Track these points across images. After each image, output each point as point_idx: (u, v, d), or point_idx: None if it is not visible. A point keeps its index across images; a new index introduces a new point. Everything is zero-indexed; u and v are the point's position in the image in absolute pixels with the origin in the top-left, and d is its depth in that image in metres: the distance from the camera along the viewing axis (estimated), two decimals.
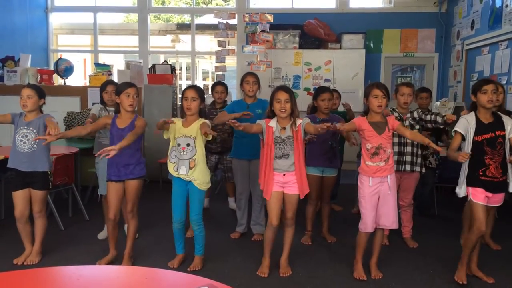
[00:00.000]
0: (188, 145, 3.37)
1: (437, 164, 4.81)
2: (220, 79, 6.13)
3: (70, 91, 6.56)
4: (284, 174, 3.37)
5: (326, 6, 8.35)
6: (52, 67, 7.52)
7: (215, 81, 5.83)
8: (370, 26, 8.02)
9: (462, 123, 3.26)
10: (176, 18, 13.51)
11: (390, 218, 3.35)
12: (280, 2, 8.81)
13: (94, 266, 3.05)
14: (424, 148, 4.15)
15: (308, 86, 7.72)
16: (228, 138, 4.71)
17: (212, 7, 9.40)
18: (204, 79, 12.37)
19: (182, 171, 3.39)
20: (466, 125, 3.23)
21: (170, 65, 7.13)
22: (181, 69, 11.08)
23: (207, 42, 10.65)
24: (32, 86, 3.65)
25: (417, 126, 3.90)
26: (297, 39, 7.76)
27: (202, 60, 11.79)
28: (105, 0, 9.01)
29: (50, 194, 4.49)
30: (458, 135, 3.25)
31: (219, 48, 6.35)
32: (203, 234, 3.55)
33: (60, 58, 7.13)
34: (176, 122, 3.43)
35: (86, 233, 4.37)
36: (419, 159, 4.01)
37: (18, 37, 7.72)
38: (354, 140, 3.76)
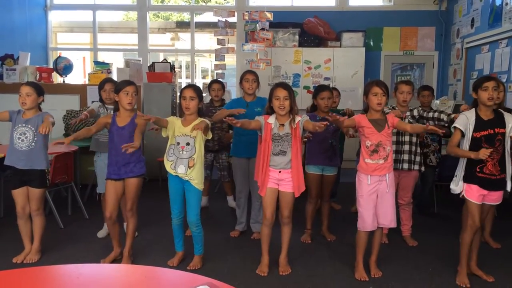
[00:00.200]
0: (187, 144, 3.36)
1: (437, 162, 4.80)
2: (219, 77, 6.13)
3: (69, 89, 6.55)
4: (279, 171, 3.36)
5: (326, 4, 8.34)
6: (51, 65, 7.51)
7: (216, 79, 5.84)
8: (370, 24, 8.01)
9: (461, 119, 3.25)
10: (175, 16, 13.51)
11: (388, 217, 3.35)
12: (279, 0, 8.79)
13: (93, 265, 3.05)
14: (424, 146, 4.15)
15: (307, 85, 7.71)
16: (226, 134, 4.79)
17: (211, 5, 9.38)
18: (203, 77, 12.37)
19: (181, 170, 3.38)
20: (466, 121, 3.23)
21: (170, 63, 7.12)
22: (180, 67, 11.08)
23: (207, 40, 10.65)
24: (31, 83, 3.64)
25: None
26: (296, 37, 7.75)
27: (201, 58, 11.80)
28: None
29: (50, 193, 4.49)
30: (457, 131, 3.25)
31: (219, 46, 6.35)
32: (202, 234, 3.55)
33: (59, 56, 7.12)
34: (175, 121, 3.43)
35: (86, 231, 4.37)
36: (418, 158, 4.01)
37: (18, 35, 7.71)
38: (352, 132, 3.75)
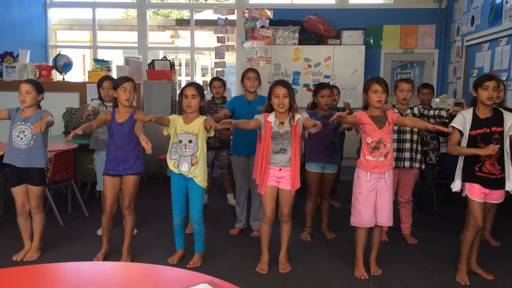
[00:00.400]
0: (190, 141, 3.35)
1: (437, 160, 4.80)
2: (219, 75, 6.12)
3: (69, 87, 6.55)
4: (280, 169, 3.36)
5: (326, 2, 8.33)
6: (51, 63, 7.50)
7: (215, 76, 5.83)
8: (370, 22, 8.00)
9: (458, 119, 3.27)
10: (175, 14, 13.49)
11: (386, 216, 3.34)
12: None
13: (93, 263, 3.05)
14: (424, 144, 4.15)
15: (307, 82, 7.70)
16: (226, 132, 4.76)
17: (211, 3, 9.36)
18: (203, 75, 12.35)
19: (184, 168, 3.37)
20: (463, 120, 3.23)
21: (169, 61, 7.11)
22: (180, 65, 11.06)
23: (207, 38, 10.63)
24: (30, 81, 3.63)
25: None
26: (296, 35, 7.74)
27: (201, 56, 11.77)
28: None
29: (50, 190, 4.49)
30: (456, 131, 3.25)
31: (219, 44, 6.33)
32: (203, 232, 3.54)
33: (59, 54, 7.11)
34: (177, 120, 3.42)
35: (86, 229, 4.37)
36: (419, 156, 4.01)
37: (17, 32, 7.69)
38: (346, 125, 3.65)
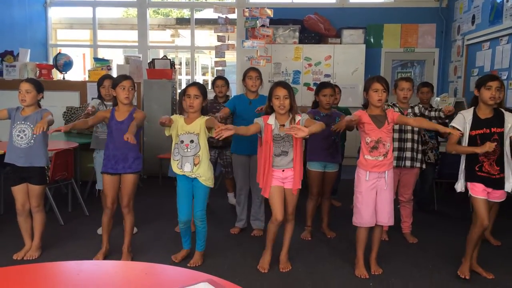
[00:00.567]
0: (191, 141, 3.35)
1: (436, 159, 4.80)
2: (220, 74, 6.11)
3: (69, 86, 6.55)
4: (283, 170, 3.35)
5: (326, 0, 8.32)
6: (51, 62, 7.50)
7: (217, 75, 5.81)
8: (370, 21, 7.99)
9: (458, 119, 3.27)
10: (175, 13, 13.48)
11: (386, 215, 3.33)
12: None
13: (93, 261, 3.05)
14: (423, 143, 4.15)
15: (308, 81, 7.70)
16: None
17: (211, 2, 9.34)
18: (203, 74, 12.36)
19: (187, 168, 3.36)
20: (463, 120, 3.23)
21: (170, 60, 7.10)
22: (180, 64, 11.07)
23: (207, 37, 10.64)
24: (30, 80, 3.62)
25: None
26: (297, 34, 7.73)
27: (201, 55, 11.78)
28: None
29: (50, 189, 4.49)
30: (451, 129, 3.24)
31: (219, 43, 6.32)
32: (206, 230, 3.54)
33: (59, 53, 7.11)
34: (178, 120, 3.41)
35: (86, 228, 4.37)
36: (420, 155, 4.00)
37: (17, 31, 7.69)
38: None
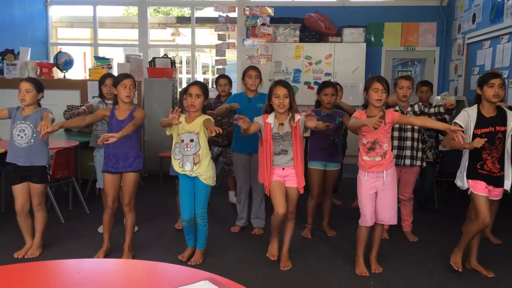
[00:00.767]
0: (191, 140, 3.35)
1: (434, 158, 4.81)
2: (220, 73, 6.11)
3: (70, 85, 6.55)
4: (283, 168, 3.36)
5: None
6: (51, 61, 7.49)
7: (218, 74, 5.79)
8: (370, 19, 7.99)
9: (462, 116, 3.24)
10: (176, 11, 13.47)
11: (387, 214, 3.33)
12: None
13: (94, 260, 3.06)
14: (422, 142, 4.14)
15: (308, 80, 7.68)
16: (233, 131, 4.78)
17: (212, 0, 9.34)
18: (204, 73, 12.35)
19: (187, 167, 3.37)
20: (467, 118, 3.21)
21: (170, 58, 7.10)
22: (181, 62, 11.06)
23: (207, 36, 10.62)
24: (30, 79, 3.62)
25: None
26: (297, 33, 7.73)
27: (202, 53, 11.76)
28: None
29: (51, 188, 4.49)
30: (457, 126, 3.23)
31: (219, 41, 6.32)
32: (206, 228, 3.55)
33: (59, 52, 7.11)
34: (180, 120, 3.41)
35: (87, 226, 4.38)
36: (420, 153, 4.00)
37: (18, 30, 7.69)
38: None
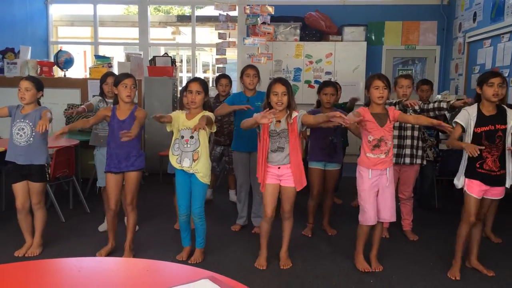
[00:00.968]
0: (191, 137, 3.36)
1: (434, 157, 4.81)
2: (220, 72, 6.11)
3: (70, 83, 6.55)
4: (279, 167, 3.35)
5: None
6: (52, 59, 7.50)
7: (219, 73, 5.76)
8: (371, 18, 7.98)
9: (463, 115, 3.24)
10: (176, 10, 13.46)
11: (388, 211, 3.34)
12: None
13: (95, 258, 3.06)
14: (422, 141, 4.14)
15: (309, 79, 7.67)
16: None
17: None
18: (204, 72, 12.34)
19: (186, 164, 3.38)
20: (467, 116, 3.21)
21: (171, 57, 7.11)
22: (181, 61, 11.05)
23: (208, 34, 10.62)
24: (30, 78, 3.62)
25: None
26: (298, 32, 7.72)
27: (202, 52, 11.75)
28: None
29: (51, 186, 4.50)
30: (458, 126, 3.24)
31: (220, 40, 6.32)
32: (205, 227, 3.55)
33: (60, 50, 7.10)
34: (179, 115, 3.41)
35: (87, 225, 4.38)
36: (419, 152, 4.00)
37: (18, 29, 7.69)
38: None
